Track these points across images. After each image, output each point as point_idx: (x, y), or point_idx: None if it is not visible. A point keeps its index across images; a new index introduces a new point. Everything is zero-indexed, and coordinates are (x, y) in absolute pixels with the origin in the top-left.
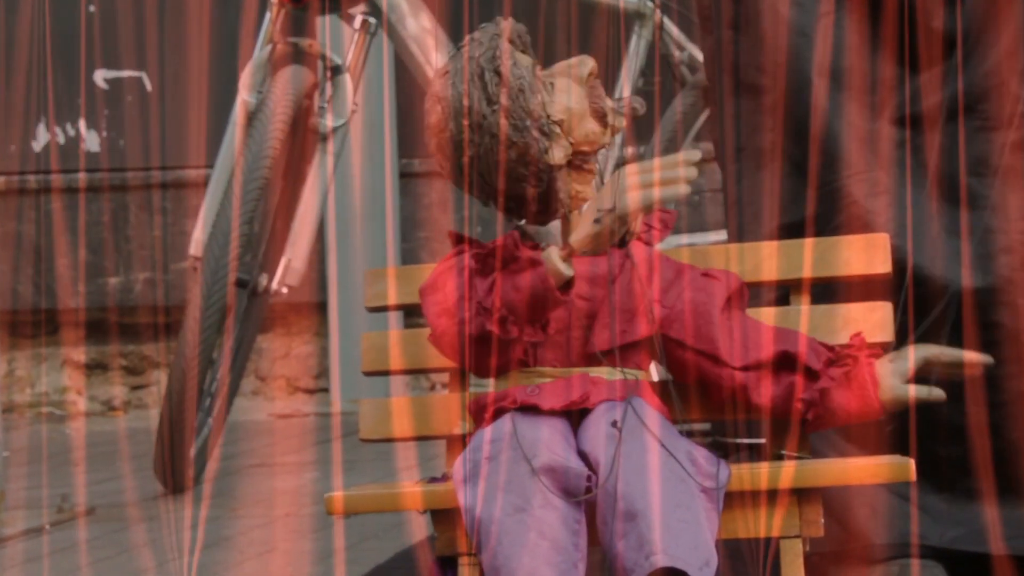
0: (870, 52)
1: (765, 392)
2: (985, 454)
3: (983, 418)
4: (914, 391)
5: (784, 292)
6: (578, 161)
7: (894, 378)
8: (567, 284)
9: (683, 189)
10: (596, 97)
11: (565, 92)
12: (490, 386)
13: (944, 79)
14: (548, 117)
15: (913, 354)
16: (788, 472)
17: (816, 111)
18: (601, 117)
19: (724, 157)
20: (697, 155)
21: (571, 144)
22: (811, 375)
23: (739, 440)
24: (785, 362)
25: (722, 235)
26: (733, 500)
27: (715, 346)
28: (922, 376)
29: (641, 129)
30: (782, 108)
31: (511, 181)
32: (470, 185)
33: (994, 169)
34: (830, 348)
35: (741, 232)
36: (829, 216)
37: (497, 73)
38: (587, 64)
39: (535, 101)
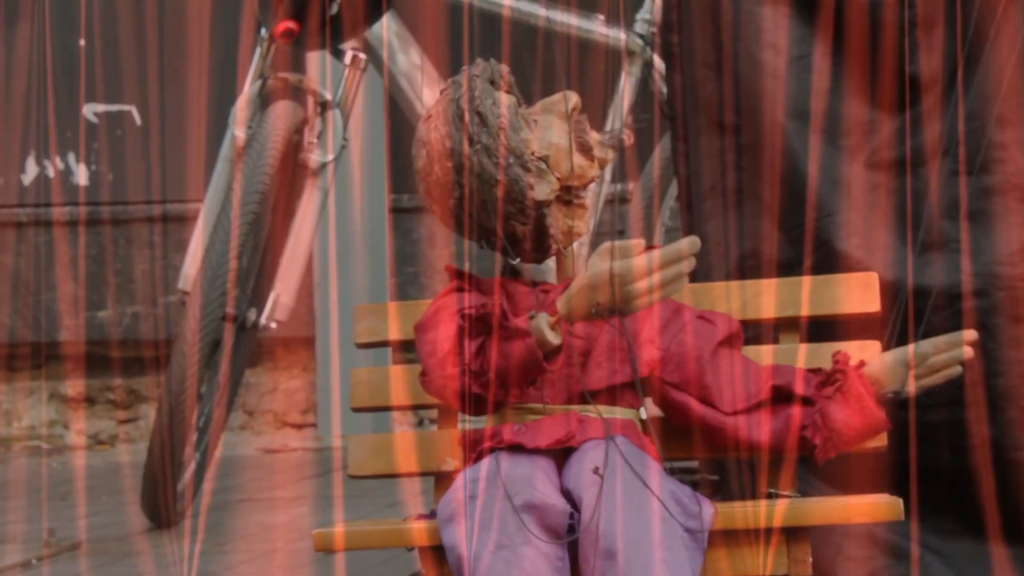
0: (844, 95)
1: (764, 430)
2: (952, 496)
3: (951, 462)
4: (909, 349)
5: (759, 330)
6: (568, 196)
7: (894, 366)
8: (556, 350)
9: (683, 283)
10: (581, 131)
11: (548, 128)
12: (480, 422)
13: (920, 123)
14: (532, 154)
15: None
16: (778, 511)
17: (785, 153)
18: (587, 151)
19: (692, 195)
20: (696, 244)
21: (558, 180)
22: (807, 403)
23: (703, 475)
24: (780, 397)
25: None
26: (721, 539)
27: (709, 392)
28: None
29: (633, 165)
30: (753, 149)
31: (501, 220)
32: (462, 227)
33: (967, 213)
34: (818, 371)
35: (709, 271)
36: (800, 257)
37: (477, 113)
38: (570, 99)
39: (517, 139)
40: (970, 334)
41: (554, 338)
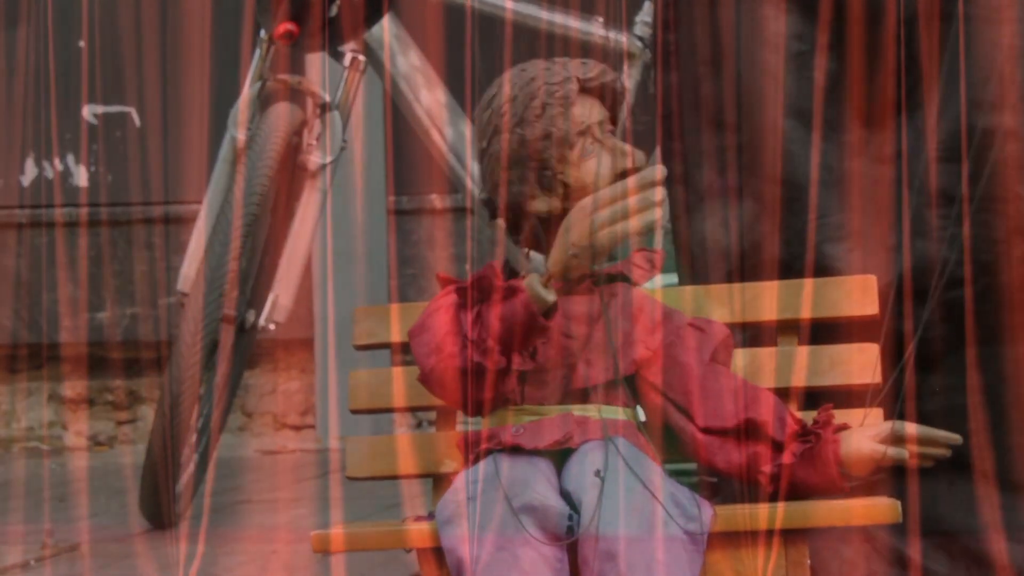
0: (840, 94)
1: (723, 458)
2: (951, 499)
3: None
4: (884, 450)
5: (758, 332)
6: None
7: (861, 443)
8: (551, 309)
9: (656, 214)
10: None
11: (601, 171)
12: (479, 424)
13: (916, 118)
14: (555, 173)
15: (885, 425)
16: (777, 513)
17: (783, 151)
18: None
19: (690, 194)
20: (664, 172)
21: (562, 208)
22: (775, 446)
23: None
24: (750, 429)
25: (671, 278)
26: (719, 541)
27: (687, 400)
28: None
29: None
30: (751, 147)
31: (494, 190)
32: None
33: (964, 205)
34: (797, 420)
35: (706, 272)
36: (799, 257)
37: (543, 108)
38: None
39: (554, 153)
40: (956, 438)
41: (547, 295)
